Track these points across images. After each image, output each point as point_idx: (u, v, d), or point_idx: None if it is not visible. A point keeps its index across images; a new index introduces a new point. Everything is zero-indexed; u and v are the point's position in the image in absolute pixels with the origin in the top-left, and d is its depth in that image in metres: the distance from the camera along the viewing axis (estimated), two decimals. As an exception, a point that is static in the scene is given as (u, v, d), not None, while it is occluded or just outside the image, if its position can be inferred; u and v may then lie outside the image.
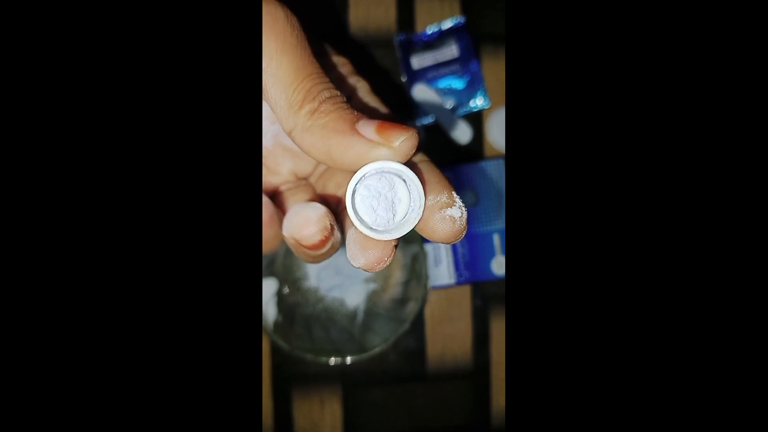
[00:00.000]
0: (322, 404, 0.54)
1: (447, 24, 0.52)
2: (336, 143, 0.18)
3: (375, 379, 0.54)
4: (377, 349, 0.43)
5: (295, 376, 0.53)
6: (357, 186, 0.19)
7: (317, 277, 0.51)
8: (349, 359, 0.43)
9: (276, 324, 0.45)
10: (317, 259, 0.21)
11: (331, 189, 0.23)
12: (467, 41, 0.52)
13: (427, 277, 0.44)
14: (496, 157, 0.48)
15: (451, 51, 0.52)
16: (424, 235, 0.19)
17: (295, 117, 0.19)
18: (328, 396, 0.54)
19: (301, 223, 0.20)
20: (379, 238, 0.19)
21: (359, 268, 0.19)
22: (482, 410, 0.55)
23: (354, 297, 0.51)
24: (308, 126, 0.18)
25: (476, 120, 0.53)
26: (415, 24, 0.53)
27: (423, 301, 0.43)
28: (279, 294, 0.48)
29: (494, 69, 0.53)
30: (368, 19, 0.53)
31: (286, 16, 0.20)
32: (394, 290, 0.50)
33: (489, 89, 0.53)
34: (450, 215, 0.19)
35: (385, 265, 0.19)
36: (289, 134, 0.19)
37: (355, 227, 0.19)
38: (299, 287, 0.51)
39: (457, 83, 0.52)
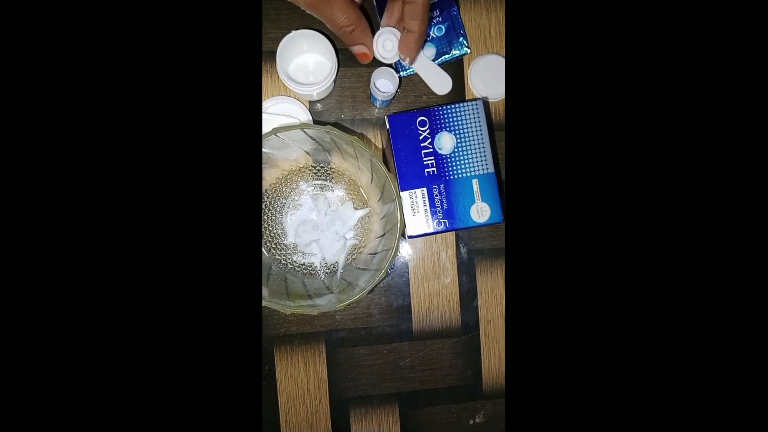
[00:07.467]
0: (306, 365, 0.52)
1: (423, -31, 0.50)
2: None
3: (360, 339, 0.52)
4: (356, 297, 0.41)
5: (278, 338, 0.52)
6: None
7: (295, 233, 0.50)
8: (326, 308, 0.42)
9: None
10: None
11: None
12: (445, -15, 0.50)
13: (403, 225, 0.42)
14: (475, 98, 0.46)
15: (428, -3, 0.50)
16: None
17: None
18: (312, 357, 0.52)
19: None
20: None
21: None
22: (472, 370, 0.53)
23: (333, 253, 0.49)
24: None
25: (456, 68, 0.51)
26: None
27: (396, 250, 0.41)
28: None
29: (473, 15, 0.51)
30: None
31: None
32: (372, 244, 0.48)
33: (469, 36, 0.51)
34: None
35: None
36: None
37: None
38: (277, 243, 0.50)
39: (437, 30, 0.51)
